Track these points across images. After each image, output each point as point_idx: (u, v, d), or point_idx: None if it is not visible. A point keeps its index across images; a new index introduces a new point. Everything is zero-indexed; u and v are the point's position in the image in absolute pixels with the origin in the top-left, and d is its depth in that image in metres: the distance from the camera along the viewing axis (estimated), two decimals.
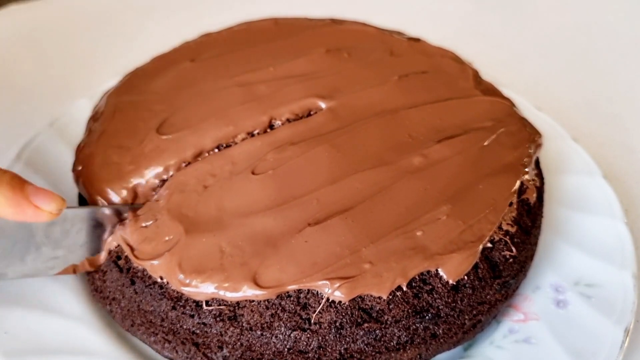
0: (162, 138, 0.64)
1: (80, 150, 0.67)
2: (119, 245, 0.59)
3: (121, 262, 0.59)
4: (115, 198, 0.61)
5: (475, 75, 0.73)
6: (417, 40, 0.78)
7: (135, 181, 0.62)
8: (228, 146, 0.64)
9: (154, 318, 0.57)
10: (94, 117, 0.70)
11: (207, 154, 0.63)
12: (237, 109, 0.66)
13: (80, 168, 0.65)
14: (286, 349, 0.54)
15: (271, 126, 0.65)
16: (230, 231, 0.55)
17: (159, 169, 0.62)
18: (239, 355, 0.55)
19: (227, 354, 0.55)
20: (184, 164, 0.62)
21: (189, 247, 0.54)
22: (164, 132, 0.65)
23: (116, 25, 1.10)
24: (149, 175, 0.62)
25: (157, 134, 0.64)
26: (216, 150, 0.63)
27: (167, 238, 0.56)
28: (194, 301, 0.55)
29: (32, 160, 0.76)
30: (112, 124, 0.67)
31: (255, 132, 0.65)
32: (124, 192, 0.61)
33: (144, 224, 0.58)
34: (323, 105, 0.66)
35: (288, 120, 0.65)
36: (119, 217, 0.60)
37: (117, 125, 0.67)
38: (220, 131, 0.64)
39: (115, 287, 0.59)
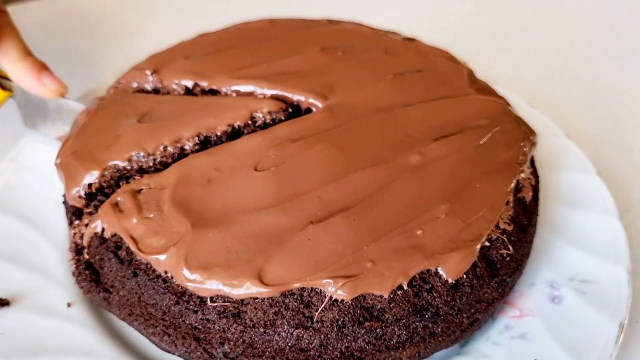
0: (142, 125, 0.65)
1: (62, 145, 0.68)
2: (116, 235, 0.58)
3: (121, 253, 0.58)
4: (87, 180, 0.62)
5: (470, 74, 0.74)
6: (411, 39, 0.79)
7: (110, 162, 0.63)
8: (208, 137, 0.65)
9: (155, 311, 0.57)
10: (80, 115, 0.71)
11: (187, 142, 0.64)
12: (219, 102, 0.67)
13: (59, 161, 0.66)
14: (288, 347, 0.54)
15: (252, 118, 0.66)
16: (235, 227, 0.55)
17: (136, 151, 0.63)
18: (240, 352, 0.55)
19: (228, 350, 0.55)
20: (162, 147, 0.63)
21: (195, 242, 0.54)
22: (144, 121, 0.66)
23: (115, 25, 1.10)
24: (125, 156, 0.63)
25: (138, 122, 0.65)
26: (197, 139, 0.64)
27: (173, 232, 0.56)
28: (198, 297, 0.54)
29: (30, 160, 0.76)
30: (94, 118, 0.68)
31: (236, 124, 0.66)
32: (96, 174, 0.62)
33: (149, 215, 0.58)
34: (319, 103, 0.67)
35: (269, 114, 0.66)
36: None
37: (99, 119, 0.68)
38: (200, 121, 0.65)
39: (115, 277, 0.59)
